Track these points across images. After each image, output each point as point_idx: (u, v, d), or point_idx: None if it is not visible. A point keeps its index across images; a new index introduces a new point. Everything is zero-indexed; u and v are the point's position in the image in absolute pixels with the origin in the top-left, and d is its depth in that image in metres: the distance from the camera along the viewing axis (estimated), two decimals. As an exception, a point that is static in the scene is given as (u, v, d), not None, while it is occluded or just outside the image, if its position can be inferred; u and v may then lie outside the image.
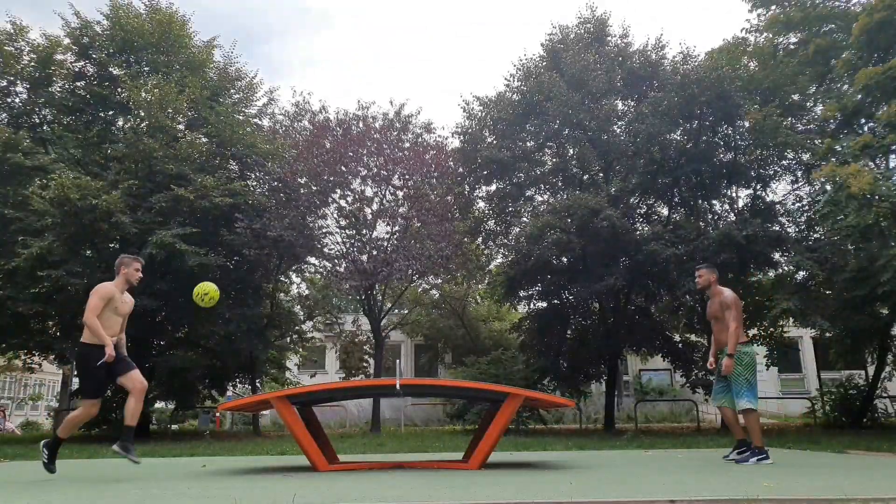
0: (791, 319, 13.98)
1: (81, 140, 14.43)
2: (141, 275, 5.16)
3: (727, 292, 5.74)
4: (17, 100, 14.88)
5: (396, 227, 17.11)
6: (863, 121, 12.24)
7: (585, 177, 16.10)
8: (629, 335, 15.38)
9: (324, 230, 17.09)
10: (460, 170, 16.64)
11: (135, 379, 4.84)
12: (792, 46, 14.74)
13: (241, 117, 15.56)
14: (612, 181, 15.79)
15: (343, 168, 16.42)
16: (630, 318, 15.69)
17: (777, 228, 14.07)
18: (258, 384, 17.07)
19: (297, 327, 18.51)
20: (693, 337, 16.85)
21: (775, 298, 12.79)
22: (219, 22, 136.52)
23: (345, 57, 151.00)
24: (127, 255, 5.26)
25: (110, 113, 15.41)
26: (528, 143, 15.74)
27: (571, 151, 15.80)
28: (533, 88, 15.39)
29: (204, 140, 14.89)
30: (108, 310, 4.90)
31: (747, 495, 3.11)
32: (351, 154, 16.55)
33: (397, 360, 7.63)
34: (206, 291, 5.45)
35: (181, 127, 15.04)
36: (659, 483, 3.85)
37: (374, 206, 17.06)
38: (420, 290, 22.61)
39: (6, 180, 13.68)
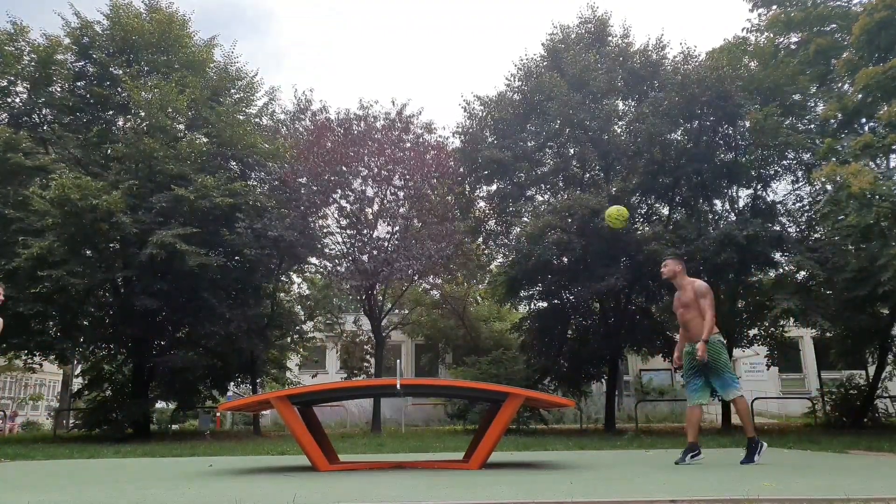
0: (791, 319, 13.98)
1: (82, 140, 14.42)
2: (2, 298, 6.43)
3: (699, 281, 5.51)
4: (17, 100, 14.87)
5: (397, 227, 17.11)
6: (863, 120, 12.25)
7: (586, 177, 16.09)
8: (630, 335, 15.36)
9: (324, 230, 17.10)
10: (461, 170, 16.63)
11: None
12: (793, 46, 14.74)
13: (241, 117, 15.55)
14: (612, 181, 15.77)
15: (344, 168, 16.41)
16: (631, 318, 15.67)
17: (777, 228, 14.05)
18: (259, 384, 17.07)
19: (297, 327, 18.52)
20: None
21: (776, 298, 12.78)
22: (219, 20, 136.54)
23: (345, 57, 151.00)
24: None
25: (110, 113, 15.41)
26: (529, 143, 15.72)
27: (572, 151, 15.80)
28: (534, 88, 15.39)
29: (204, 140, 14.88)
30: None
31: (747, 495, 3.10)
32: (352, 154, 16.55)
33: (398, 360, 7.62)
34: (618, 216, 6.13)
35: (181, 127, 15.04)
36: (659, 483, 3.85)
37: (375, 206, 17.05)
38: (421, 290, 22.60)
39: (6, 180, 13.68)
